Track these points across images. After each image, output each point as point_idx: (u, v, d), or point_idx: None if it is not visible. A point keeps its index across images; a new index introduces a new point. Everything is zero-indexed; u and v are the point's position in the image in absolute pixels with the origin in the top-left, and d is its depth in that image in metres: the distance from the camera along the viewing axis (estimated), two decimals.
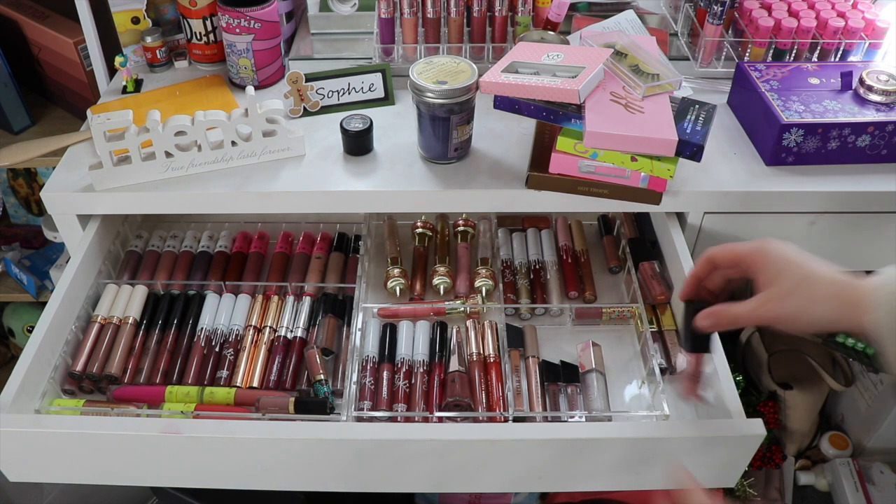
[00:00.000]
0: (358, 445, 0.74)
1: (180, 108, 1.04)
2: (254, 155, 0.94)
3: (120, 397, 0.86)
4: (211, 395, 0.85)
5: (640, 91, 0.88)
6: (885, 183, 0.92)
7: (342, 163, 0.96)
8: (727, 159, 0.96)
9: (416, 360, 0.91)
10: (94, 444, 0.75)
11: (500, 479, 0.81)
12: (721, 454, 0.75)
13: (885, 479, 1.33)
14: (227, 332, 0.94)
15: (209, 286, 1.00)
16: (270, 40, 1.06)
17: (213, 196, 0.92)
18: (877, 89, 0.94)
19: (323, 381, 0.86)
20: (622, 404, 0.88)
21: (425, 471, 0.79)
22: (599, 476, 0.79)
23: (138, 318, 0.95)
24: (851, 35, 1.07)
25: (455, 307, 0.97)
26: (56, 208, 0.94)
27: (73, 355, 0.90)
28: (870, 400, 1.35)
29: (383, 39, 1.10)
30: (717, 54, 1.11)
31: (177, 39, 1.17)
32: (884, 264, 0.59)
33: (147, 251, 1.06)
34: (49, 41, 1.24)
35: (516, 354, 0.92)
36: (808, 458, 1.41)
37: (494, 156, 0.96)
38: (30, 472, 0.81)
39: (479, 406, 0.86)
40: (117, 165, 0.90)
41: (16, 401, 0.78)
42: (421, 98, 0.88)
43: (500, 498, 1.31)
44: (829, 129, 0.91)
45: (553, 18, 1.06)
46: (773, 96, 0.95)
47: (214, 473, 0.80)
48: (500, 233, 1.08)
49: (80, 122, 1.29)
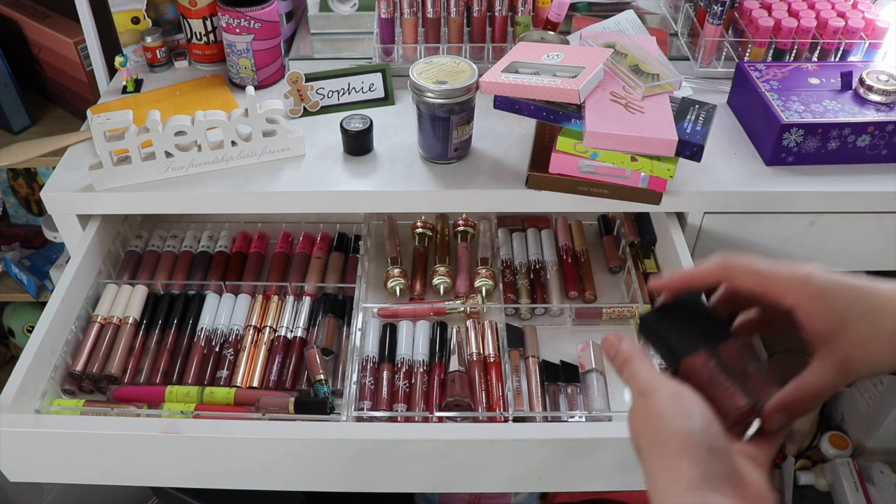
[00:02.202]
0: (358, 445, 0.74)
1: (180, 108, 1.04)
2: (254, 155, 0.94)
3: (120, 397, 0.86)
4: (211, 395, 0.85)
5: (640, 91, 0.88)
6: (885, 183, 0.92)
7: (342, 163, 0.96)
8: (727, 159, 0.96)
9: (416, 360, 0.91)
10: (94, 444, 0.75)
11: (500, 479, 0.81)
12: None
13: (885, 479, 1.33)
14: (227, 332, 0.94)
15: (209, 286, 1.00)
16: (270, 40, 1.06)
17: (213, 196, 0.92)
18: (877, 89, 0.94)
19: (323, 381, 0.86)
20: (622, 404, 0.88)
21: (425, 471, 0.79)
22: (599, 476, 0.79)
23: (138, 318, 0.95)
24: (851, 35, 1.07)
25: (455, 307, 0.97)
26: (56, 208, 0.94)
27: (73, 355, 0.90)
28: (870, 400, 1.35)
29: (383, 39, 1.10)
30: (717, 54, 1.11)
31: (177, 39, 1.17)
32: (884, 265, 0.58)
33: (147, 251, 1.06)
34: (49, 41, 1.24)
35: (516, 354, 0.92)
36: (808, 457, 1.41)
37: (494, 156, 0.96)
38: (30, 472, 0.81)
39: (479, 406, 0.86)
40: (117, 165, 0.90)
41: (16, 401, 0.78)
42: (421, 98, 0.88)
43: (500, 498, 1.31)
44: (829, 129, 0.91)
45: (553, 18, 1.06)
46: (773, 96, 0.95)
47: (214, 473, 0.80)
48: (500, 233, 1.09)
49: (80, 122, 1.29)
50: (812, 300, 0.46)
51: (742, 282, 0.50)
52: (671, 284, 0.52)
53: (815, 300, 0.46)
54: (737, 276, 0.50)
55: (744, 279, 0.49)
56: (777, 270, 0.48)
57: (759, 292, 0.48)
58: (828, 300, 0.46)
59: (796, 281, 0.46)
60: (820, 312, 0.46)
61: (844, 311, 0.46)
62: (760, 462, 0.45)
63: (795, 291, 0.46)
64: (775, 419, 0.46)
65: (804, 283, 0.46)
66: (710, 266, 0.51)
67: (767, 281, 0.48)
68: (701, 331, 0.50)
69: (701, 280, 0.52)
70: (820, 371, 0.46)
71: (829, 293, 0.46)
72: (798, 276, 0.47)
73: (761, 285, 0.48)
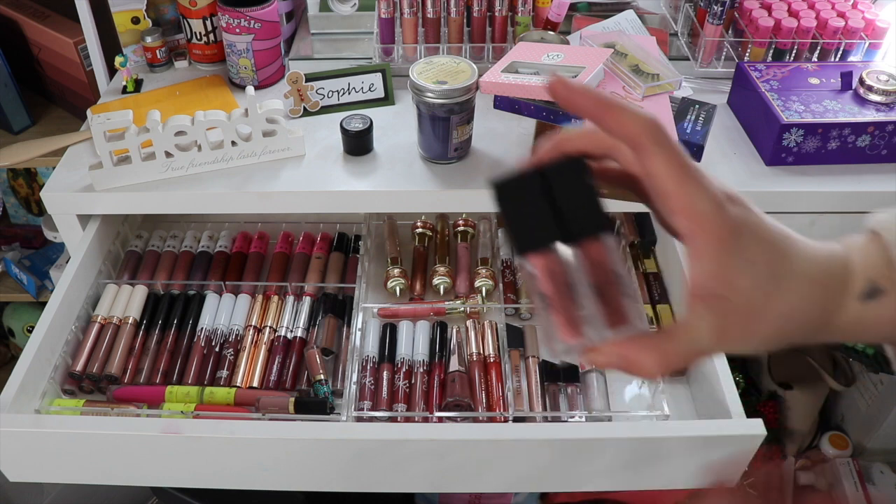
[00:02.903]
0: (358, 445, 0.74)
1: (180, 108, 1.04)
2: (254, 155, 0.94)
3: (120, 397, 0.86)
4: (211, 395, 0.85)
5: (640, 91, 0.88)
6: (885, 183, 0.92)
7: (342, 163, 0.96)
8: (727, 159, 0.96)
9: (416, 360, 0.91)
10: (94, 444, 0.75)
11: (500, 479, 0.81)
12: (721, 454, 0.75)
13: (885, 479, 1.33)
14: (227, 332, 0.94)
15: (209, 286, 1.00)
16: (270, 40, 1.06)
17: (213, 196, 0.92)
18: (877, 89, 0.93)
19: (323, 381, 0.86)
20: (622, 404, 0.88)
21: (425, 471, 0.79)
22: (599, 476, 0.79)
23: (138, 318, 0.95)
24: (851, 35, 1.07)
25: (455, 307, 0.97)
26: (56, 208, 0.94)
27: (73, 355, 0.90)
28: (870, 400, 1.35)
29: (383, 39, 1.10)
30: (717, 54, 1.11)
31: (177, 39, 1.17)
32: None
33: (147, 251, 1.06)
34: (49, 41, 1.24)
35: (516, 354, 0.92)
36: (807, 457, 1.41)
37: (494, 156, 0.96)
38: (30, 472, 0.81)
39: (479, 406, 0.86)
40: (117, 165, 0.90)
41: (16, 401, 0.78)
42: (421, 98, 0.88)
43: (500, 498, 1.31)
44: (829, 129, 0.91)
45: (553, 18, 1.06)
46: (773, 96, 0.95)
47: (214, 473, 0.80)
48: (500, 233, 1.09)
49: (79, 122, 1.29)
50: (718, 240, 0.35)
51: (632, 168, 0.38)
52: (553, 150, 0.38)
53: (720, 241, 0.35)
54: (626, 163, 0.38)
55: (647, 172, 0.36)
56: (688, 180, 0.35)
57: (650, 193, 0.37)
58: (736, 248, 0.35)
59: (707, 204, 0.35)
60: (717, 258, 0.35)
61: (749, 270, 0.35)
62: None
63: (701, 217, 0.35)
64: (611, 362, 0.38)
65: (716, 212, 0.35)
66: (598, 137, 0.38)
67: (666, 186, 0.35)
68: (567, 218, 0.37)
69: (586, 142, 0.38)
70: (694, 325, 0.36)
71: (743, 240, 0.35)
72: (712, 199, 0.35)
73: (659, 190, 0.36)
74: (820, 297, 0.38)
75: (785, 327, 0.37)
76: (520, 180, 0.38)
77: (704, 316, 0.36)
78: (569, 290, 0.37)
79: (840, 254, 0.39)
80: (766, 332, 0.37)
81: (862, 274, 0.38)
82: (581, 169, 0.37)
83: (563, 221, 0.37)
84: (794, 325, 0.37)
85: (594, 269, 0.37)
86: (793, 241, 0.38)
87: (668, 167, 0.35)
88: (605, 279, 0.37)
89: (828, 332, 0.39)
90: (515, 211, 0.38)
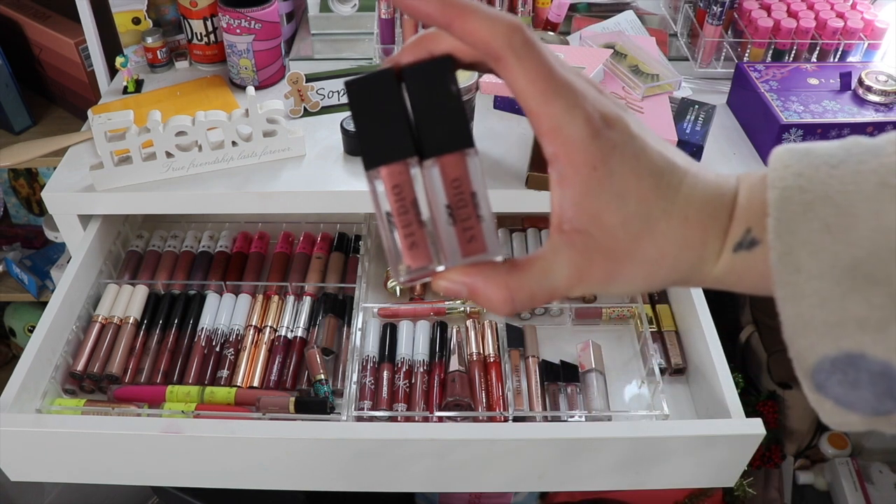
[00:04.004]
0: (358, 445, 0.75)
1: (181, 109, 1.04)
2: (254, 155, 0.94)
3: (121, 397, 0.87)
4: (211, 395, 0.86)
5: (640, 91, 0.88)
6: None
7: (342, 163, 0.96)
8: (727, 159, 0.96)
9: (416, 360, 0.91)
10: (94, 444, 0.76)
11: (501, 479, 0.81)
12: (721, 454, 0.76)
13: (884, 478, 1.33)
14: (227, 332, 0.94)
15: (210, 286, 1.00)
16: (271, 41, 1.06)
17: (214, 196, 0.92)
18: (876, 90, 0.94)
19: (323, 381, 0.86)
20: (622, 404, 0.89)
21: (425, 471, 0.79)
22: (599, 476, 0.79)
23: (139, 318, 0.95)
24: (850, 35, 1.07)
25: (455, 307, 0.97)
26: (57, 208, 0.94)
27: (73, 355, 0.90)
28: None
29: (383, 40, 1.10)
30: (716, 55, 1.11)
31: (177, 40, 1.17)
32: None
33: (148, 251, 1.06)
34: (50, 42, 1.24)
35: (516, 354, 0.92)
36: (807, 457, 1.41)
37: (494, 156, 0.97)
38: (31, 471, 0.81)
39: (479, 406, 0.86)
40: (118, 165, 0.90)
41: (17, 400, 0.78)
42: None
43: (500, 498, 1.31)
44: (829, 129, 0.91)
45: (553, 19, 1.06)
46: (772, 97, 0.95)
47: (215, 473, 0.80)
48: (500, 233, 1.09)
49: (80, 122, 1.29)
50: (586, 168, 0.31)
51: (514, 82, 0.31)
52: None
53: (589, 169, 0.31)
54: (513, 77, 0.31)
55: (517, 86, 0.31)
56: (555, 98, 0.30)
57: (525, 108, 0.31)
58: (608, 179, 0.31)
59: (577, 127, 0.30)
60: (583, 189, 0.31)
61: (618, 206, 0.31)
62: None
63: (568, 142, 0.30)
64: (456, 291, 0.34)
65: (587, 137, 0.30)
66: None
67: (529, 104, 0.31)
68: (423, 128, 0.32)
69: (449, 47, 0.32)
70: (550, 260, 0.33)
71: (616, 171, 0.31)
72: (583, 121, 0.30)
73: (524, 108, 0.31)
74: (696, 243, 0.32)
75: (653, 273, 0.33)
76: (375, 81, 0.32)
77: (563, 251, 0.32)
78: (417, 210, 0.33)
79: (730, 190, 0.33)
80: (630, 277, 0.33)
81: (742, 219, 0.32)
82: (444, 72, 0.32)
83: (420, 132, 0.32)
84: (663, 271, 0.33)
85: (450, 188, 0.33)
86: (680, 172, 0.32)
87: (531, 82, 0.30)
88: (461, 200, 0.33)
89: (699, 280, 0.34)
90: (367, 117, 0.32)
